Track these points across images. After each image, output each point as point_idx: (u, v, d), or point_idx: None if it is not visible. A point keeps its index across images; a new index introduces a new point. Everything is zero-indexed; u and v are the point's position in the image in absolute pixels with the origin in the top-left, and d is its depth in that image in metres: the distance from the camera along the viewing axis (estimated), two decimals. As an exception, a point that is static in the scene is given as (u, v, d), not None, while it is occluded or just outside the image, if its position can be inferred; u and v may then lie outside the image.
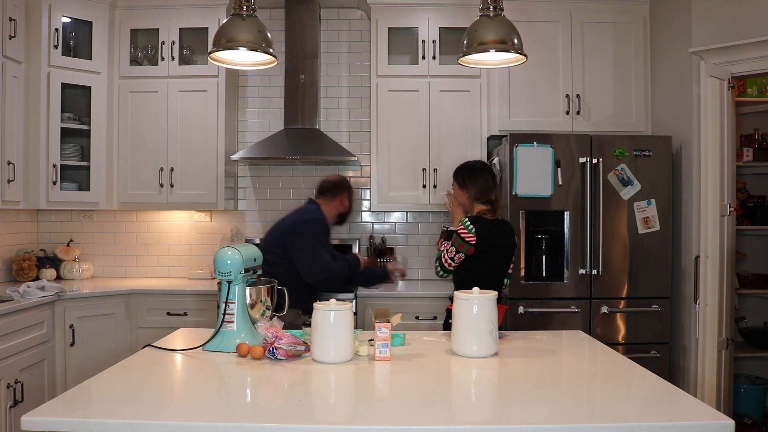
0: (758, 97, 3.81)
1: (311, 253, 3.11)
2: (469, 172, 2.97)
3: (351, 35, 4.60)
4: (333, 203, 3.34)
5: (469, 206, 2.96)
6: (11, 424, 3.14)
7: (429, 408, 1.70)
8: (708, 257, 3.27)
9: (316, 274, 3.10)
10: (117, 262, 4.53)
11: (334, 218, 3.35)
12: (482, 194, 2.90)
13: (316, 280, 3.13)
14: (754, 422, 3.82)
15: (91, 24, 4.10)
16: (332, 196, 3.34)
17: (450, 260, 2.84)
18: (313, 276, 3.11)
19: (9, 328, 3.14)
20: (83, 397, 1.73)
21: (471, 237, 2.78)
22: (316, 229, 3.18)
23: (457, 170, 3.03)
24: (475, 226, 2.79)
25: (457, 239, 2.80)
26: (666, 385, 1.85)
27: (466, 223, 2.81)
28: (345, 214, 3.41)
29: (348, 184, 3.43)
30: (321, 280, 3.12)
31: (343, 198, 3.36)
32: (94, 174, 4.14)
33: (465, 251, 2.80)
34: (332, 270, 3.13)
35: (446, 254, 2.84)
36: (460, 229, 2.81)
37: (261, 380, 1.94)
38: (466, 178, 2.96)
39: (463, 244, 2.79)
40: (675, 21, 3.83)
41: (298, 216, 3.26)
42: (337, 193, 3.35)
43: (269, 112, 4.59)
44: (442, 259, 2.87)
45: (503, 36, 2.32)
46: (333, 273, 3.13)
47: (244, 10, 2.35)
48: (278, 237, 3.20)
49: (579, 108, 4.10)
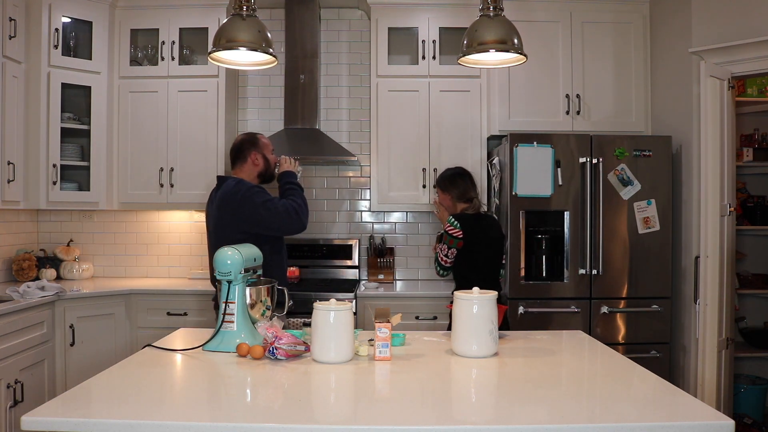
0: (758, 97, 3.81)
1: (266, 212, 2.84)
2: (448, 178, 3.34)
3: (351, 35, 4.60)
4: (245, 167, 3.03)
5: (453, 207, 3.29)
6: (11, 424, 3.14)
7: (429, 408, 1.70)
8: (708, 257, 3.27)
9: (288, 220, 2.86)
10: (117, 262, 4.53)
11: (256, 180, 3.06)
12: (463, 195, 3.27)
13: (293, 223, 2.87)
14: (754, 422, 3.82)
15: (91, 24, 4.10)
16: (242, 161, 3.04)
17: (445, 257, 3.17)
18: (289, 223, 2.86)
19: (9, 328, 3.14)
20: (83, 397, 1.73)
21: (458, 232, 3.13)
22: (250, 194, 2.86)
23: (439, 179, 3.43)
24: (460, 222, 3.14)
25: (446, 237, 3.16)
26: (666, 385, 1.85)
27: (452, 220, 3.16)
28: (264, 172, 3.08)
29: (252, 139, 3.07)
30: (298, 220, 2.88)
31: (254, 157, 3.03)
32: (94, 174, 4.14)
33: (456, 246, 3.14)
34: (293, 206, 2.88)
35: (441, 253, 3.19)
36: (448, 227, 3.16)
37: (261, 380, 1.94)
38: (447, 183, 3.32)
39: (453, 240, 3.14)
40: (675, 21, 3.83)
41: (225, 195, 2.91)
42: (243, 156, 3.03)
43: (269, 112, 4.59)
44: (438, 259, 3.21)
45: (503, 36, 2.32)
46: (299, 206, 2.90)
47: (244, 10, 2.36)
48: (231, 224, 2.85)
49: (579, 108, 4.10)
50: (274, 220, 2.86)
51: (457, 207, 3.26)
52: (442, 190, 3.34)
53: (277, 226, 2.89)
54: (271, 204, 2.86)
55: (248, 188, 2.89)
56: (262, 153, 3.06)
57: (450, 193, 3.29)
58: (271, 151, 3.12)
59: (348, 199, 4.61)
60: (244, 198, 2.86)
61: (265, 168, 3.07)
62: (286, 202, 2.91)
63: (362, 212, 4.60)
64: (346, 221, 4.60)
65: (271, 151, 3.13)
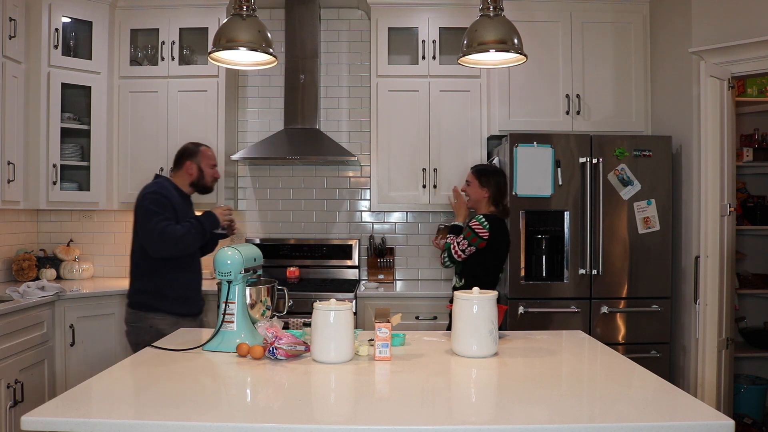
0: (758, 97, 3.81)
1: (145, 225, 2.89)
2: (492, 172, 3.26)
3: (351, 35, 4.60)
4: (180, 174, 3.13)
5: (481, 204, 3.21)
6: (11, 424, 3.14)
7: (429, 408, 1.70)
8: (708, 257, 3.27)
9: (157, 243, 2.86)
10: (117, 262, 4.52)
11: (189, 188, 3.14)
12: (499, 197, 3.21)
13: (159, 248, 2.88)
14: (754, 422, 3.82)
15: (91, 24, 4.10)
16: (178, 168, 3.14)
17: (461, 252, 3.10)
18: (156, 246, 2.87)
19: (9, 328, 3.14)
20: (83, 397, 1.73)
21: (485, 232, 3.07)
22: (146, 200, 2.94)
23: (480, 169, 3.29)
24: (491, 224, 3.09)
25: (470, 233, 3.08)
26: (666, 385, 1.85)
27: (482, 220, 3.09)
28: (197, 183, 3.14)
29: (192, 150, 3.15)
30: (165, 248, 2.87)
31: (188, 167, 3.11)
32: (94, 174, 4.14)
33: (477, 245, 3.08)
34: (173, 233, 2.85)
35: (457, 246, 3.11)
36: (475, 224, 3.08)
37: (261, 380, 1.94)
38: (489, 176, 3.22)
39: (476, 239, 3.07)
40: (675, 21, 3.83)
41: (139, 193, 3.04)
42: (180, 163, 3.13)
43: (269, 112, 4.59)
44: (451, 250, 3.13)
45: (503, 36, 2.32)
46: (175, 236, 2.85)
47: (244, 10, 2.36)
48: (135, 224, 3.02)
49: (579, 108, 4.10)
50: (146, 233, 2.90)
51: (487, 207, 3.19)
52: (480, 184, 3.20)
53: (145, 239, 2.93)
54: (156, 218, 2.88)
55: (150, 192, 2.98)
56: (199, 164, 3.14)
57: (490, 189, 3.18)
58: (211, 165, 3.17)
59: (348, 199, 4.61)
60: (140, 200, 2.98)
61: (197, 178, 3.14)
62: (170, 225, 2.89)
63: (362, 212, 4.60)
64: (346, 221, 4.60)
65: (212, 165, 3.18)
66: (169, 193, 3.02)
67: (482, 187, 3.20)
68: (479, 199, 3.21)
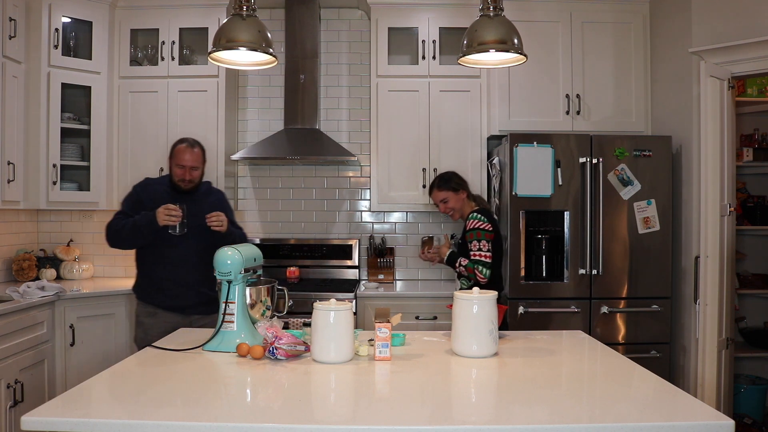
0: (758, 97, 3.81)
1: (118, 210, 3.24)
2: (448, 175, 3.33)
3: (351, 35, 4.60)
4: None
5: (464, 206, 3.29)
6: (11, 424, 3.14)
7: (429, 408, 1.70)
8: (708, 257, 3.27)
9: (105, 234, 3.15)
10: (117, 262, 4.52)
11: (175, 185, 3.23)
12: (469, 188, 3.33)
13: (106, 240, 3.15)
14: (754, 422, 3.82)
15: (91, 24, 4.10)
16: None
17: (488, 254, 3.11)
18: (105, 237, 3.16)
19: (9, 328, 3.14)
20: (83, 397, 1.73)
21: (487, 225, 3.13)
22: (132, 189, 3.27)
23: (440, 181, 3.33)
24: (484, 215, 3.15)
25: (479, 233, 3.12)
26: (666, 385, 1.85)
27: (476, 215, 3.15)
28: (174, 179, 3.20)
29: (172, 147, 3.24)
30: (108, 240, 3.14)
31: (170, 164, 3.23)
32: (94, 174, 4.14)
33: (490, 240, 3.13)
34: (111, 227, 3.12)
35: (482, 253, 3.10)
36: (475, 223, 3.13)
37: (261, 380, 1.94)
38: (450, 179, 3.31)
39: (485, 233, 3.12)
40: (675, 21, 3.83)
41: None
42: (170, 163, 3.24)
43: (269, 112, 4.59)
44: (483, 260, 3.09)
45: (503, 36, 2.32)
46: (112, 230, 3.11)
47: (244, 10, 2.35)
48: None
49: (579, 108, 4.10)
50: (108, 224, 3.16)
51: (469, 205, 3.30)
52: (452, 190, 3.30)
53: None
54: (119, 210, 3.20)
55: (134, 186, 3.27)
56: (170, 162, 3.23)
57: (462, 187, 3.30)
58: (177, 164, 3.19)
59: (348, 199, 4.61)
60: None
61: (170, 175, 3.25)
62: (115, 219, 3.14)
63: (362, 212, 4.60)
64: (346, 221, 4.60)
65: (179, 165, 3.18)
66: (148, 188, 3.22)
67: (456, 192, 3.30)
68: (462, 202, 3.31)
